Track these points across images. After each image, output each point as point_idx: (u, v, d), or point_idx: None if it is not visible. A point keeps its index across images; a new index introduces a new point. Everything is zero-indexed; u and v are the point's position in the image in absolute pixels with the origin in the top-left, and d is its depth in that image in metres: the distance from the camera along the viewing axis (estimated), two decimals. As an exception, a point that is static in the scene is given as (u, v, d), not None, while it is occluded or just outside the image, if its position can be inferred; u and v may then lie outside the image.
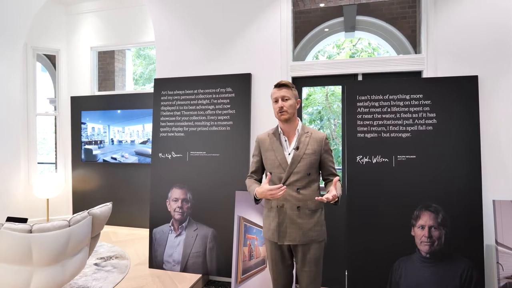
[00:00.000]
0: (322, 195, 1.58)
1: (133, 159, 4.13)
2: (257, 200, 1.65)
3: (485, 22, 2.34)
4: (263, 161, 1.74)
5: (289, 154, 1.65)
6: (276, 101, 1.64)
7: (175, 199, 2.75)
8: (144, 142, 4.12)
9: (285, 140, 1.68)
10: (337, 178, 1.66)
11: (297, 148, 1.64)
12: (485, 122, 2.31)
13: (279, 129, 1.71)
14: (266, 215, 1.72)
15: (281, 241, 1.62)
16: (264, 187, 1.53)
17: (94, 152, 4.30)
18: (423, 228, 2.24)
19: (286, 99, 1.63)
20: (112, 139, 4.25)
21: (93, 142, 4.32)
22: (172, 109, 2.85)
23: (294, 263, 1.72)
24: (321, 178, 1.76)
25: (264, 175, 1.80)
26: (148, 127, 4.07)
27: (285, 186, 1.52)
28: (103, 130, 4.28)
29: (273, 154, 1.67)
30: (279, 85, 1.65)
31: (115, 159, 4.21)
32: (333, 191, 1.48)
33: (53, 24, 4.36)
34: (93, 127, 4.34)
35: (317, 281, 1.64)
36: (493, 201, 2.18)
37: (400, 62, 2.53)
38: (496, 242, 2.14)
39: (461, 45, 2.39)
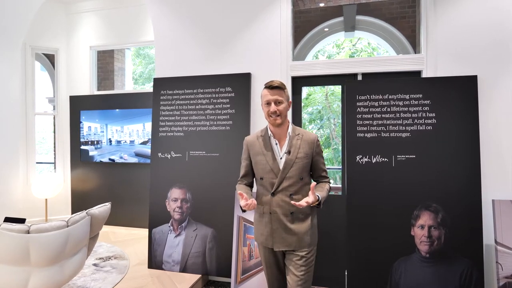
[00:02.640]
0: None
1: (133, 160, 4.11)
2: (243, 210, 1.58)
3: (485, 23, 2.34)
4: (253, 165, 1.66)
5: (281, 158, 1.58)
6: (268, 103, 1.56)
7: (175, 199, 2.74)
8: (144, 143, 4.07)
9: (276, 144, 1.61)
10: (325, 183, 1.65)
11: (289, 152, 1.57)
12: (484, 121, 2.31)
13: (269, 132, 1.62)
14: (257, 220, 1.66)
15: (276, 247, 1.57)
16: (241, 203, 1.50)
17: (91, 153, 4.23)
18: (422, 228, 2.24)
19: (279, 103, 1.55)
20: (110, 139, 4.19)
21: (90, 143, 4.25)
22: (172, 109, 2.84)
23: (286, 265, 1.65)
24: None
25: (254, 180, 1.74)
26: (149, 126, 4.00)
27: (255, 202, 1.47)
28: (100, 130, 4.22)
29: (264, 159, 1.59)
30: (271, 87, 1.55)
31: (113, 160, 4.17)
32: (311, 197, 1.45)
33: (52, 23, 4.34)
34: (89, 126, 4.25)
35: (308, 284, 1.60)
36: (493, 200, 2.18)
37: (400, 62, 2.53)
38: (496, 241, 2.14)
39: (460, 45, 2.38)
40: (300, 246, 1.56)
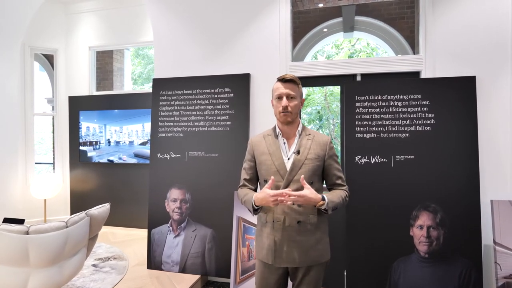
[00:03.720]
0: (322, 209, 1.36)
1: (132, 161, 4.10)
2: (256, 210, 1.41)
3: (483, 24, 2.35)
4: (257, 166, 1.49)
5: (289, 159, 1.42)
6: (280, 97, 1.41)
7: (174, 200, 2.74)
8: (144, 143, 4.06)
9: (284, 143, 1.45)
10: (340, 190, 1.45)
11: (298, 152, 1.41)
12: (483, 122, 2.32)
13: (277, 130, 1.48)
14: (259, 231, 1.48)
15: (278, 263, 1.38)
16: (265, 191, 1.30)
17: (89, 154, 4.20)
18: (421, 228, 2.24)
19: (292, 98, 1.40)
20: (108, 139, 4.18)
21: (88, 143, 4.23)
22: (171, 109, 2.84)
23: (291, 283, 1.49)
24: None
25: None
26: (148, 126, 3.98)
27: (289, 189, 1.28)
28: (99, 130, 4.21)
29: (270, 159, 1.43)
30: (285, 80, 1.41)
31: (112, 161, 4.16)
32: (305, 191, 1.27)
33: (51, 23, 4.34)
34: (87, 127, 4.23)
35: None
36: (491, 201, 2.19)
37: (399, 63, 2.53)
38: (494, 242, 2.14)
39: (459, 46, 2.39)
40: (308, 262, 1.38)
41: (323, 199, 1.34)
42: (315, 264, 1.40)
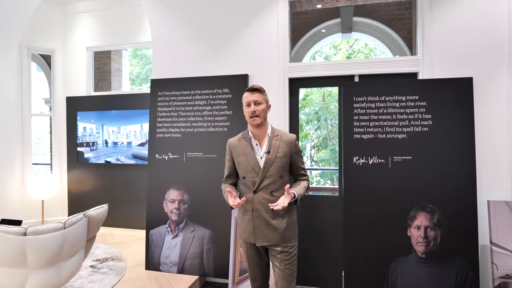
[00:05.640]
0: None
1: (130, 161, 4.08)
2: (231, 207, 1.69)
3: (480, 26, 2.37)
4: (236, 165, 1.77)
5: (261, 158, 1.69)
6: (248, 105, 1.68)
7: (172, 200, 2.74)
8: (142, 144, 4.04)
9: (256, 144, 1.72)
10: (303, 180, 1.76)
11: (268, 152, 1.68)
12: (479, 123, 2.34)
13: (250, 133, 1.74)
14: (240, 218, 1.77)
15: (259, 243, 1.68)
16: (230, 201, 1.63)
17: (86, 155, 4.17)
18: (419, 229, 2.25)
19: (258, 104, 1.67)
20: (106, 140, 4.16)
21: (85, 144, 4.20)
22: (169, 110, 2.84)
23: (270, 262, 1.77)
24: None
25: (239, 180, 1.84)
26: (147, 127, 3.97)
27: (244, 199, 1.60)
28: (96, 131, 4.18)
29: (245, 159, 1.71)
30: (251, 90, 1.69)
31: (109, 163, 4.14)
32: (287, 200, 1.56)
33: (49, 23, 4.32)
34: (84, 127, 4.18)
35: (292, 277, 1.70)
36: (488, 201, 2.20)
37: (396, 64, 2.55)
38: (491, 242, 2.16)
39: (456, 47, 2.41)
40: (282, 240, 1.67)
41: (294, 196, 1.62)
42: (288, 241, 1.68)
